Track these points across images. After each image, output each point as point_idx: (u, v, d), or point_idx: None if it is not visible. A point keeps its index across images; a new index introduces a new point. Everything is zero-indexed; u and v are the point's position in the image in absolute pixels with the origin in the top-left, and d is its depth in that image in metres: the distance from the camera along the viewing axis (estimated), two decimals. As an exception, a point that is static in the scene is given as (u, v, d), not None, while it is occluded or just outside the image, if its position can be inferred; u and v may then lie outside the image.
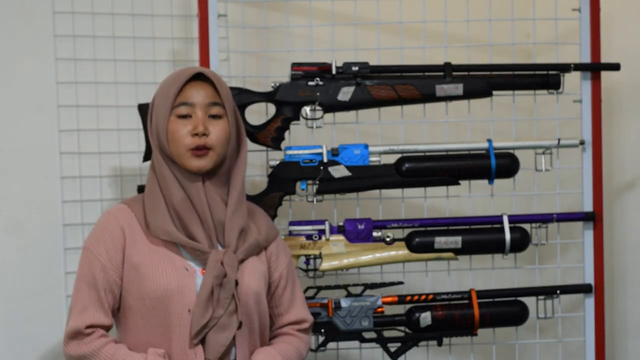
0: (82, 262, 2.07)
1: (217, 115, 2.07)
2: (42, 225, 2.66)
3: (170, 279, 2.02)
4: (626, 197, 2.93)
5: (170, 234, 2.04)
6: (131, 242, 2.05)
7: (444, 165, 2.53)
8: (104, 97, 2.70)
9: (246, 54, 2.74)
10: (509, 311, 2.56)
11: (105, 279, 2.03)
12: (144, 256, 2.04)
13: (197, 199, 2.06)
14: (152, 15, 2.74)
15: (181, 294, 2.02)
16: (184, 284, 2.02)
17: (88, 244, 2.07)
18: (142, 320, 2.04)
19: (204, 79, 2.08)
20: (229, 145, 2.09)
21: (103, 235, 2.06)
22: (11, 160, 2.64)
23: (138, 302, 2.03)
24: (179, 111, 2.05)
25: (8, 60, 2.64)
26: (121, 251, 2.05)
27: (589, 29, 2.61)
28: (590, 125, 2.62)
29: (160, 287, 2.01)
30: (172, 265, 2.04)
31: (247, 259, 2.11)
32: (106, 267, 2.03)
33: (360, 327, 2.49)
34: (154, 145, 2.09)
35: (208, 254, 2.04)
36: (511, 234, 2.54)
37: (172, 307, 2.01)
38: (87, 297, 2.03)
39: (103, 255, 2.04)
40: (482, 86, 2.56)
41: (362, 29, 2.74)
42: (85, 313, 2.01)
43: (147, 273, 2.03)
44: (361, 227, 2.52)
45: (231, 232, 2.08)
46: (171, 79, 2.09)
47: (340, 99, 2.51)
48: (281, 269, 2.19)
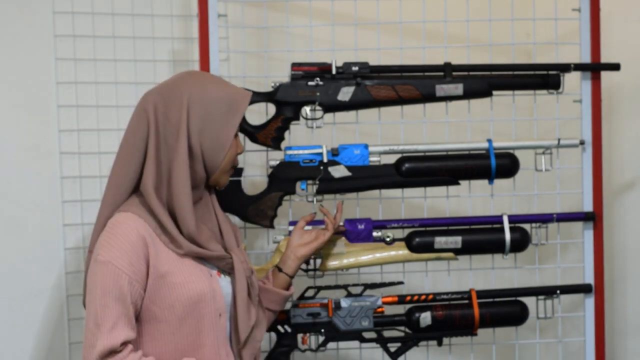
0: (105, 276, 1.96)
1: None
2: (42, 225, 2.66)
3: (203, 284, 2.03)
4: (626, 197, 2.93)
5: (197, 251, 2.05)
6: (154, 252, 2.01)
7: (444, 165, 2.53)
8: (104, 97, 2.70)
9: (246, 54, 2.74)
10: (509, 311, 2.55)
11: (131, 292, 1.97)
12: (171, 265, 2.02)
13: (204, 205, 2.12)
14: (152, 15, 2.74)
15: (213, 298, 2.04)
16: (214, 288, 2.05)
17: (109, 258, 1.97)
18: (169, 328, 2.01)
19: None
20: None
21: (124, 247, 1.98)
22: (11, 160, 2.64)
23: (166, 311, 2.00)
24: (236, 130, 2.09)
25: (8, 60, 2.64)
26: (145, 262, 2.00)
27: (589, 29, 2.61)
28: (590, 125, 2.62)
29: (194, 293, 2.01)
30: (200, 271, 2.05)
31: None
32: (132, 279, 1.97)
33: (360, 327, 2.49)
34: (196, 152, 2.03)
35: (229, 257, 2.08)
36: (511, 234, 2.54)
37: (206, 312, 2.02)
38: (114, 313, 1.95)
39: (128, 268, 1.96)
40: (482, 86, 2.56)
41: (362, 29, 2.74)
42: (116, 330, 1.94)
43: (176, 281, 2.01)
44: (361, 227, 2.52)
45: (229, 233, 2.16)
46: (235, 95, 2.08)
47: (340, 99, 2.51)
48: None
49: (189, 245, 2.03)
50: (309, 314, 2.48)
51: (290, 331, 2.48)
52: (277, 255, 2.48)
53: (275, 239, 2.51)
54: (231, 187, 2.44)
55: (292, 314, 2.48)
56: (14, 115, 2.64)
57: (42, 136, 2.66)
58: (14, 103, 2.64)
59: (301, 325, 2.48)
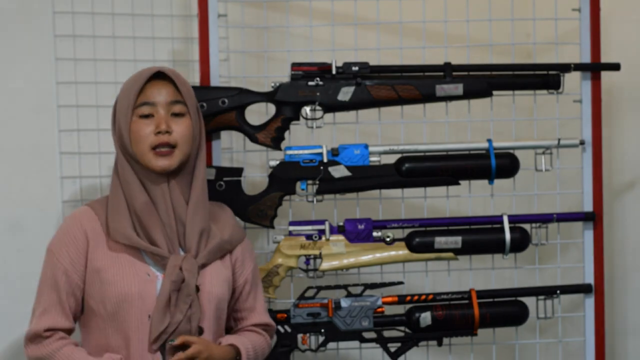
0: (45, 264, 2.06)
1: (180, 114, 2.07)
2: (42, 225, 2.66)
3: (131, 283, 2.02)
4: (626, 197, 2.93)
5: (130, 238, 2.03)
6: (93, 245, 2.05)
7: (444, 165, 2.53)
8: (104, 97, 2.69)
9: (246, 54, 2.74)
10: (509, 311, 2.56)
11: (67, 283, 2.03)
12: (106, 260, 2.04)
13: (162, 201, 2.05)
14: (152, 15, 2.74)
15: (141, 299, 2.01)
16: (144, 289, 2.02)
17: (51, 247, 2.06)
18: (102, 324, 2.04)
19: (165, 77, 2.08)
20: (193, 144, 2.09)
21: (66, 238, 2.05)
22: (11, 160, 2.64)
23: (99, 305, 2.03)
24: (140, 111, 2.05)
25: (8, 60, 2.64)
26: (84, 255, 2.04)
27: (589, 29, 2.61)
28: (590, 125, 2.62)
29: (120, 292, 2.01)
30: (133, 270, 2.03)
31: (210, 264, 2.10)
32: (68, 270, 2.03)
33: (360, 327, 2.49)
34: (117, 147, 2.08)
35: (167, 258, 2.03)
36: (511, 234, 2.54)
37: (132, 312, 2.01)
38: (47, 300, 2.03)
39: (65, 259, 2.03)
40: (482, 86, 2.55)
41: (362, 29, 2.74)
42: (45, 316, 2.02)
43: (108, 277, 2.02)
44: (361, 227, 2.52)
45: (192, 235, 2.07)
46: (132, 80, 2.09)
47: (340, 99, 2.51)
48: (247, 274, 2.20)
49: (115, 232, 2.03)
50: (309, 314, 2.48)
51: (290, 331, 2.48)
52: (277, 256, 2.49)
53: (275, 239, 2.51)
54: (231, 187, 2.44)
55: (292, 314, 2.48)
56: (14, 115, 2.64)
57: (42, 136, 2.66)
58: (14, 103, 2.64)
59: (301, 325, 2.48)
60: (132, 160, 2.06)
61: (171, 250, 2.05)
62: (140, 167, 2.05)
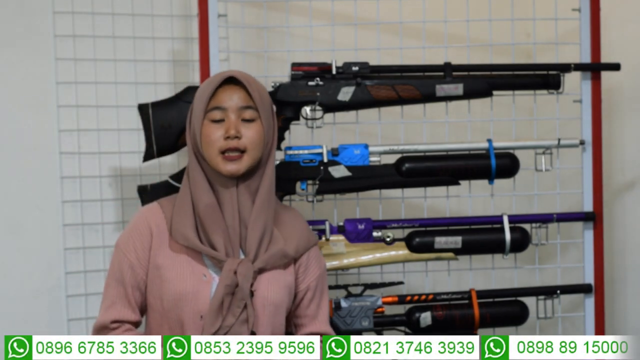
0: (113, 259, 2.09)
1: (251, 119, 2.06)
2: (42, 225, 2.66)
3: (187, 283, 2.03)
4: (626, 197, 2.93)
5: (189, 239, 2.04)
6: (157, 242, 2.07)
7: (444, 165, 2.53)
8: (104, 97, 2.70)
9: (246, 54, 2.75)
10: (509, 311, 2.56)
11: (133, 277, 2.06)
12: (167, 259, 2.05)
13: (229, 203, 2.05)
14: (152, 15, 2.74)
15: (195, 300, 2.02)
16: (199, 289, 2.03)
17: (119, 242, 2.09)
18: (160, 319, 2.06)
19: (237, 82, 2.07)
20: (264, 149, 2.07)
21: (133, 233, 2.08)
22: (11, 160, 2.64)
23: (157, 302, 2.05)
24: (212, 115, 2.05)
25: (8, 60, 2.64)
26: (148, 250, 2.07)
27: (589, 29, 2.61)
28: (590, 125, 2.62)
29: (176, 291, 2.02)
30: (190, 270, 2.04)
31: (270, 269, 2.08)
32: (134, 265, 2.06)
33: (360, 327, 2.49)
34: (190, 149, 2.08)
35: (224, 262, 2.04)
36: (511, 234, 2.54)
37: (186, 312, 2.02)
38: (114, 293, 2.07)
39: (131, 254, 2.06)
40: (482, 86, 2.56)
41: (362, 29, 2.75)
42: (112, 309, 2.06)
43: (167, 275, 2.04)
44: (361, 227, 2.52)
45: (252, 238, 2.07)
46: (205, 84, 2.09)
47: (340, 99, 2.51)
48: (309, 280, 2.16)
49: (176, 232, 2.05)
50: (309, 314, 2.48)
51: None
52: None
53: (275, 239, 2.51)
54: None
55: (292, 314, 2.48)
56: (14, 115, 2.64)
57: (42, 136, 2.66)
58: (14, 103, 2.64)
59: (301, 325, 2.48)
60: (204, 162, 2.07)
61: (230, 253, 2.05)
62: (211, 170, 2.06)
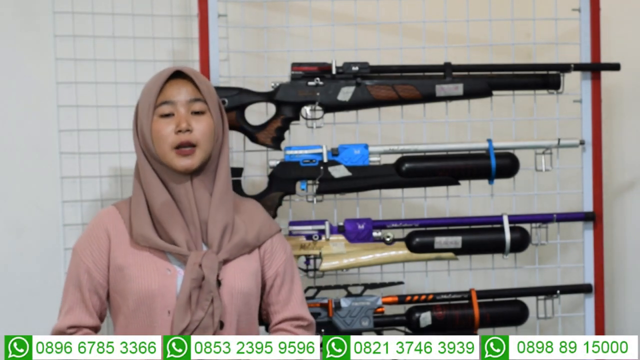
0: (71, 264, 2.10)
1: (200, 112, 2.07)
2: (42, 225, 2.66)
3: (152, 280, 2.03)
4: (626, 197, 2.93)
5: (149, 240, 2.05)
6: (116, 244, 2.07)
7: (444, 165, 2.53)
8: (104, 97, 2.70)
9: (246, 54, 2.74)
10: (509, 311, 2.56)
11: (90, 282, 2.07)
12: (127, 258, 2.06)
13: (185, 199, 2.06)
14: (152, 15, 2.74)
15: (161, 295, 2.02)
16: (164, 284, 2.03)
17: (76, 246, 2.10)
18: (126, 320, 2.06)
19: (184, 76, 2.09)
20: (215, 142, 2.09)
21: (89, 238, 2.09)
22: (11, 160, 2.64)
23: (123, 302, 2.06)
24: (161, 110, 2.06)
25: (8, 60, 2.64)
26: (106, 254, 2.08)
27: (589, 29, 2.61)
28: (590, 125, 2.62)
29: (141, 288, 2.03)
30: (154, 267, 2.04)
31: (234, 259, 2.09)
32: (90, 269, 2.07)
33: (360, 327, 2.49)
34: (138, 149, 2.09)
35: (188, 256, 2.04)
36: (511, 234, 2.54)
37: (153, 309, 2.02)
38: (72, 299, 2.08)
39: (88, 258, 2.07)
40: (482, 86, 2.56)
41: (362, 29, 2.74)
42: (69, 314, 2.07)
43: (130, 274, 2.04)
44: (361, 227, 2.52)
45: (214, 231, 2.07)
46: (152, 80, 2.10)
47: (340, 99, 2.51)
48: (277, 266, 2.17)
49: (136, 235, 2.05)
50: (309, 314, 2.48)
51: (290, 331, 2.48)
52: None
53: (275, 239, 2.51)
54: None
55: (292, 314, 2.48)
56: (14, 115, 2.64)
57: (42, 136, 2.66)
58: (14, 103, 2.64)
59: (301, 325, 2.48)
60: (154, 160, 2.07)
61: (192, 247, 2.06)
62: (163, 167, 2.07)
